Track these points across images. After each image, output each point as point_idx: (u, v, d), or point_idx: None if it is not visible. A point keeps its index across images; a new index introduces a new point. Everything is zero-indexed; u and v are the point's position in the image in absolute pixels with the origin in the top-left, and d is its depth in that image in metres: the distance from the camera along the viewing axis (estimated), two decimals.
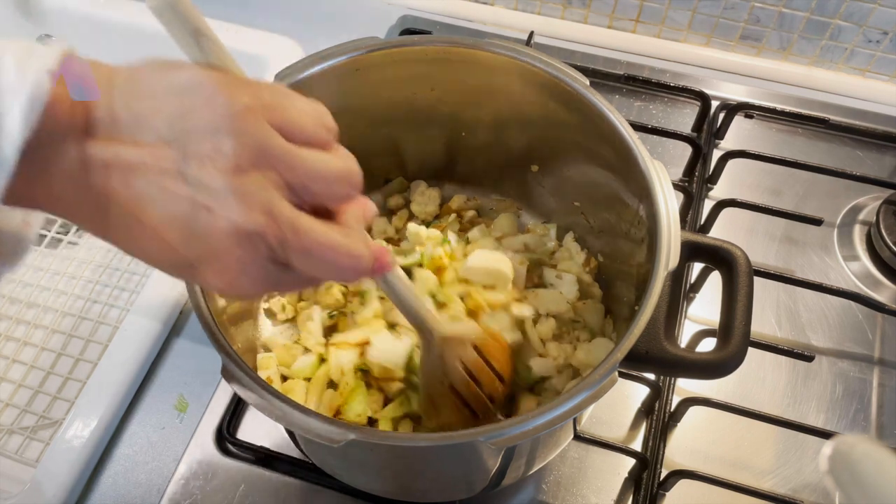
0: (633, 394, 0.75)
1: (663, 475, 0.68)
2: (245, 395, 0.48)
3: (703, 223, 0.85)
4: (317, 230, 0.36)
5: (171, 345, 0.78)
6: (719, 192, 0.90)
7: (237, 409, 0.73)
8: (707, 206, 0.86)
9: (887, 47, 0.95)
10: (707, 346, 0.74)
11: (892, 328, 0.79)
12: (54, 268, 0.89)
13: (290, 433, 0.64)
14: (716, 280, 0.74)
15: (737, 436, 0.73)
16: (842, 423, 0.74)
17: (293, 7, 1.09)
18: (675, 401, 0.72)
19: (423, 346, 0.59)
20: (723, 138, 0.94)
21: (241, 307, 0.64)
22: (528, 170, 0.76)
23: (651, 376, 0.72)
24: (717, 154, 0.90)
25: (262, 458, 0.71)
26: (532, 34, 0.99)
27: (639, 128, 0.89)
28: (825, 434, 0.69)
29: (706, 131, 0.94)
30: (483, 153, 0.76)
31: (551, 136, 0.70)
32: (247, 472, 0.70)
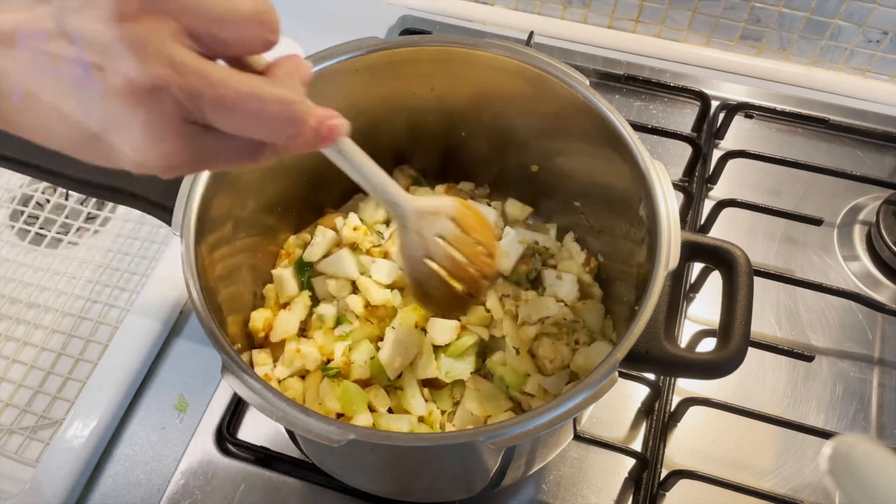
0: (633, 394, 0.75)
1: (663, 475, 0.68)
2: (245, 394, 0.48)
3: (703, 223, 0.85)
4: (233, 78, 0.32)
5: (171, 345, 0.78)
6: (719, 192, 0.90)
7: (237, 409, 0.73)
8: (707, 206, 0.86)
9: (887, 47, 0.95)
10: (707, 346, 0.74)
11: (892, 328, 0.79)
12: (54, 268, 0.89)
13: (290, 433, 0.64)
14: (716, 280, 0.74)
15: (737, 436, 0.73)
16: (842, 423, 0.74)
17: (293, 7, 1.09)
18: (675, 401, 0.72)
19: (398, 225, 0.53)
20: (723, 138, 0.94)
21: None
22: (528, 170, 0.76)
23: (651, 376, 0.72)
24: (717, 154, 0.90)
25: (262, 458, 0.71)
26: (532, 34, 0.99)
27: (639, 128, 0.89)
28: (825, 434, 0.69)
29: (706, 131, 0.94)
30: (483, 153, 0.76)
31: (551, 137, 0.70)
32: (247, 472, 0.70)
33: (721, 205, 0.84)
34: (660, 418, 0.72)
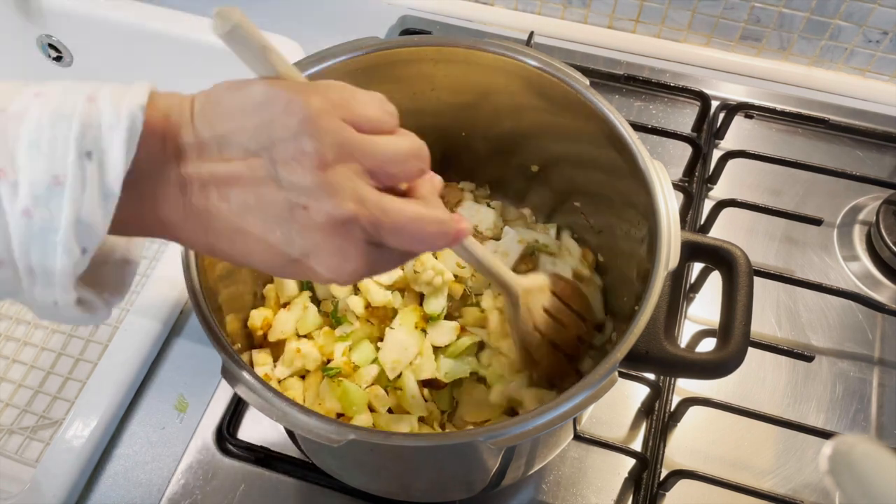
0: (633, 394, 0.75)
1: (663, 475, 0.68)
2: (245, 394, 0.48)
3: (703, 223, 0.85)
4: (402, 207, 0.39)
5: (171, 345, 0.78)
6: (719, 192, 0.90)
7: (237, 409, 0.73)
8: (707, 206, 0.86)
9: (887, 47, 0.95)
10: (707, 346, 0.74)
11: (892, 328, 0.79)
12: None
13: (290, 433, 0.64)
14: (716, 280, 0.74)
15: (737, 436, 0.73)
16: (842, 423, 0.74)
17: (293, 7, 1.09)
18: (675, 401, 0.72)
19: (509, 303, 0.62)
20: (723, 138, 0.94)
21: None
22: (528, 169, 0.76)
23: (651, 376, 0.72)
24: (717, 154, 0.90)
25: (262, 458, 0.71)
26: (532, 34, 0.99)
27: (639, 128, 0.89)
28: (825, 434, 0.69)
29: (706, 131, 0.94)
30: (483, 153, 0.76)
31: (551, 137, 0.70)
32: (247, 472, 0.70)
33: (721, 205, 0.84)
34: (660, 418, 0.72)
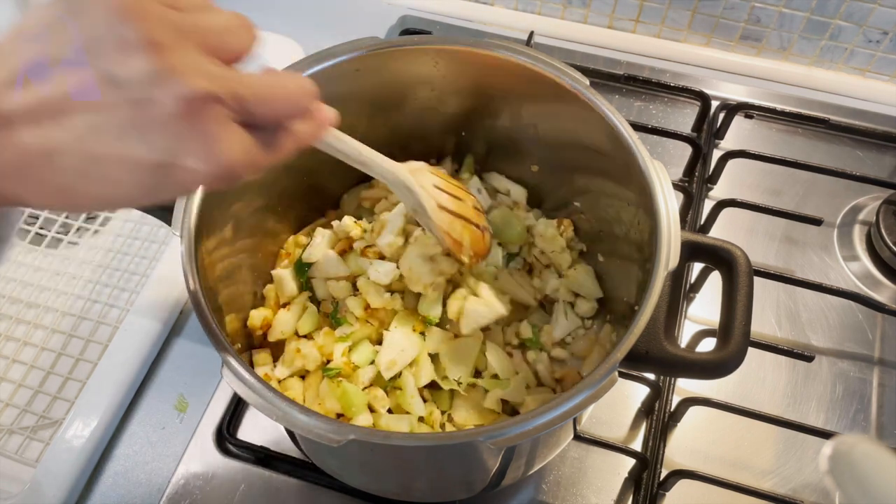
0: (633, 394, 0.75)
1: (663, 475, 0.68)
2: (245, 394, 0.48)
3: (703, 223, 0.85)
4: (258, 77, 0.37)
5: (171, 345, 0.78)
6: (719, 192, 0.90)
7: (237, 409, 0.73)
8: (707, 206, 0.86)
9: (887, 47, 0.95)
10: (707, 346, 0.74)
11: (892, 328, 0.80)
12: (54, 268, 0.89)
13: (290, 433, 0.64)
14: (716, 280, 0.74)
15: (737, 436, 0.73)
16: (842, 423, 0.74)
17: (293, 7, 1.09)
18: (675, 401, 0.72)
19: (405, 190, 0.58)
20: (723, 138, 0.94)
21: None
22: (528, 169, 0.76)
23: (651, 376, 0.72)
24: (717, 154, 0.90)
25: (262, 458, 0.71)
26: (532, 34, 0.99)
27: (639, 128, 0.89)
28: (825, 434, 0.69)
29: (706, 131, 0.94)
30: (482, 152, 0.76)
31: (551, 137, 0.70)
32: (247, 472, 0.70)
33: (721, 205, 0.84)
34: (660, 418, 0.72)
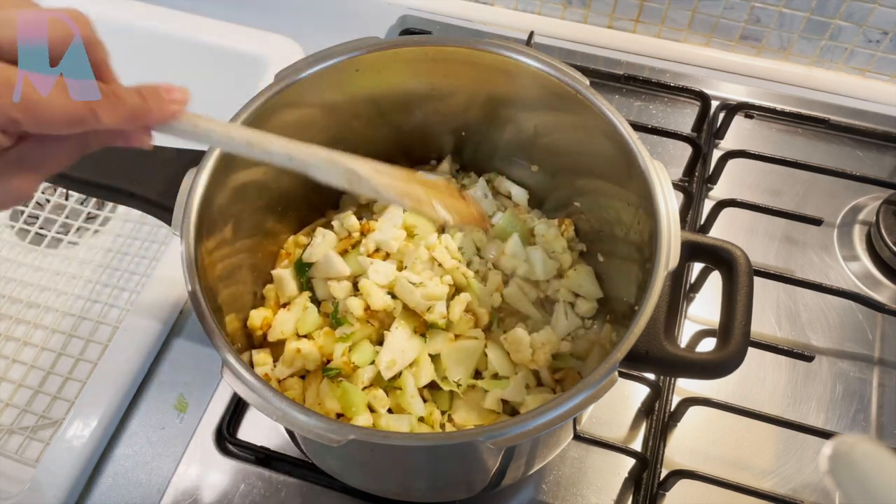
0: (633, 394, 0.75)
1: (663, 475, 0.68)
2: (245, 394, 0.48)
3: (703, 223, 0.85)
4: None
5: (171, 345, 0.78)
6: (719, 192, 0.90)
7: (237, 409, 0.73)
8: (707, 206, 0.86)
9: (887, 47, 0.95)
10: (707, 346, 0.74)
11: (892, 328, 0.79)
12: (54, 268, 0.89)
13: (290, 433, 0.64)
14: (716, 280, 0.74)
15: (737, 436, 0.73)
16: (842, 423, 0.74)
17: (293, 7, 1.09)
18: (675, 401, 0.72)
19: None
20: (723, 138, 0.94)
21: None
22: (529, 169, 0.76)
23: (651, 376, 0.72)
24: (717, 154, 0.90)
25: (262, 458, 0.71)
26: (532, 34, 0.99)
27: (639, 128, 0.89)
28: (825, 434, 0.69)
29: (706, 131, 0.94)
30: (482, 152, 0.76)
31: (551, 137, 0.70)
32: (247, 472, 0.70)
33: (721, 205, 0.84)
34: (660, 418, 0.72)
